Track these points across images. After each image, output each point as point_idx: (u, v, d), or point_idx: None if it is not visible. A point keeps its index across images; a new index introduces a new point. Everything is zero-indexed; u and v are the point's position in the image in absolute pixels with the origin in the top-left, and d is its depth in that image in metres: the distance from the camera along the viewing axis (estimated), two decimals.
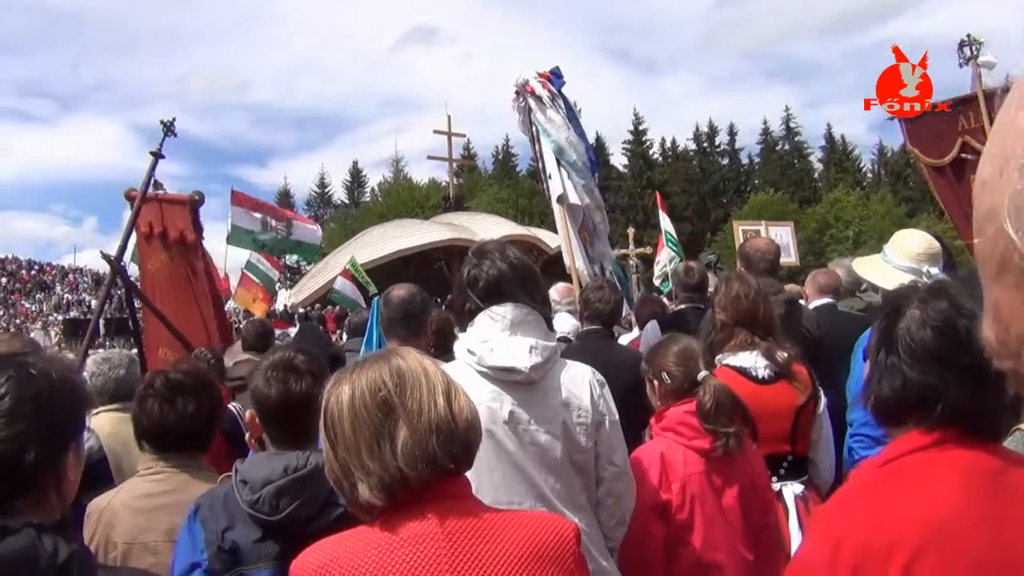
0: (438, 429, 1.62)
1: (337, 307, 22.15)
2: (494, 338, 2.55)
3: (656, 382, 3.18)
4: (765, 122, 70.54)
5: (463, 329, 2.68)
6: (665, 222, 15.88)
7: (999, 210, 0.63)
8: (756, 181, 68.38)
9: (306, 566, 1.66)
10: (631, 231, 22.73)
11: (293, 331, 14.24)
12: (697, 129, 70.37)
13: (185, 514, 2.58)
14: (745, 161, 71.08)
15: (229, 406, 4.85)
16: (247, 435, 3.95)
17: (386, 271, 30.17)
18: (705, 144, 70.25)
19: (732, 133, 70.16)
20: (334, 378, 1.74)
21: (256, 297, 18.85)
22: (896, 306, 1.66)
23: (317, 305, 30.46)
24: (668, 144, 69.99)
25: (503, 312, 2.57)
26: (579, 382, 2.60)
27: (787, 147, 69.76)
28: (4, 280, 52.93)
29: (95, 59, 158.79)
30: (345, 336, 9.93)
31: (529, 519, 1.78)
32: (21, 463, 1.46)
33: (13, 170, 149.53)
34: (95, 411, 4.17)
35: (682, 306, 5.70)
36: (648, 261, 23.38)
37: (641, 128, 68.25)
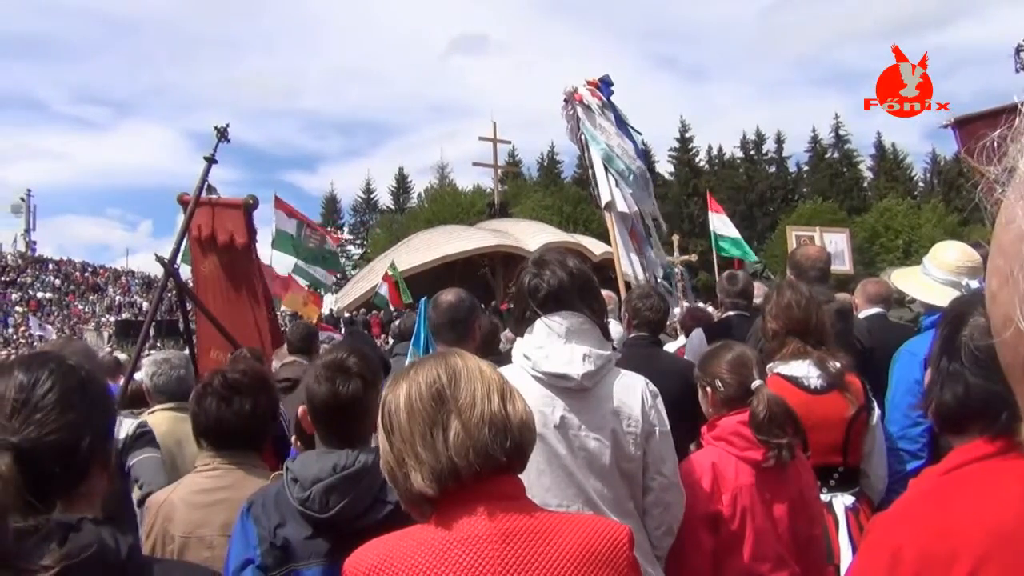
0: (491, 423, 1.64)
1: (382, 312, 22.33)
2: (549, 345, 2.60)
3: (709, 389, 3.16)
4: (814, 129, 69.69)
5: (520, 335, 2.73)
6: (716, 223, 15.37)
7: (1011, 315, 0.65)
8: (804, 189, 67.62)
9: (360, 566, 1.68)
10: (676, 238, 22.53)
11: (338, 337, 14.38)
12: (744, 136, 69.84)
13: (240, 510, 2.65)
14: (793, 169, 70.35)
15: None
16: (292, 436, 4.03)
17: (431, 277, 30.39)
18: (752, 152, 69.67)
19: (780, 141, 69.60)
20: (394, 377, 1.78)
21: (307, 300, 19.07)
22: (959, 313, 1.63)
23: (362, 310, 30.71)
24: (715, 152, 69.51)
25: (560, 320, 2.63)
26: (631, 392, 2.63)
27: (836, 155, 68.87)
28: (59, 282, 54.20)
29: (150, 65, 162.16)
30: (391, 341, 10.02)
31: (583, 522, 1.79)
32: (77, 451, 1.48)
33: (71, 175, 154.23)
34: (151, 409, 4.27)
35: (728, 313, 5.66)
36: (693, 269, 23.24)
37: (687, 135, 67.90)
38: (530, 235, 36.71)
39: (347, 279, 44.08)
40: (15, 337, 40.26)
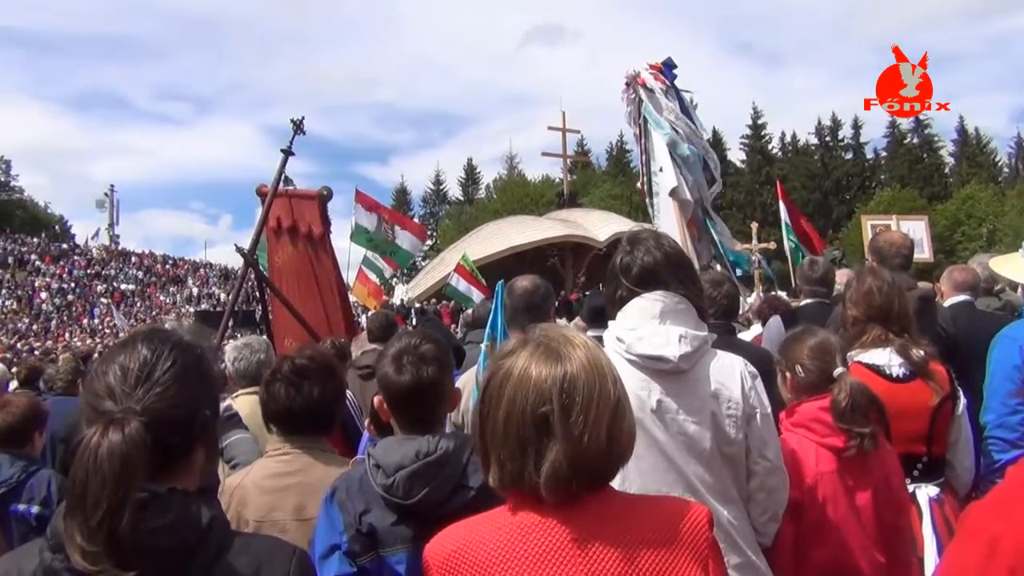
0: (594, 456, 1.58)
1: (452, 301, 22.49)
2: (643, 326, 2.51)
3: (789, 375, 3.09)
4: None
5: (613, 317, 2.65)
6: (785, 214, 15.10)
7: None
8: (882, 176, 65.84)
9: (438, 552, 1.69)
10: (755, 226, 22.09)
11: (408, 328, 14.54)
12: (819, 123, 68.23)
13: (311, 494, 2.67)
14: (870, 156, 68.49)
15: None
16: (366, 421, 4.05)
17: (500, 267, 30.42)
18: (828, 138, 68.05)
19: (857, 126, 67.78)
20: (508, 349, 1.71)
21: (369, 291, 19.40)
22: None
23: (433, 300, 30.99)
24: (788, 138, 68.13)
25: (654, 300, 2.54)
26: (730, 373, 2.51)
27: (916, 140, 66.79)
28: (141, 274, 56.06)
29: (229, 62, 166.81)
30: (462, 330, 10.07)
31: (659, 503, 1.76)
32: (193, 424, 1.55)
33: (153, 170, 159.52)
34: (235, 394, 4.35)
35: (807, 301, 5.53)
36: (770, 257, 22.81)
37: (760, 122, 66.68)
38: (599, 225, 36.49)
39: (418, 270, 44.52)
40: (100, 327, 41.78)
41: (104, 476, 1.36)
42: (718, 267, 8.03)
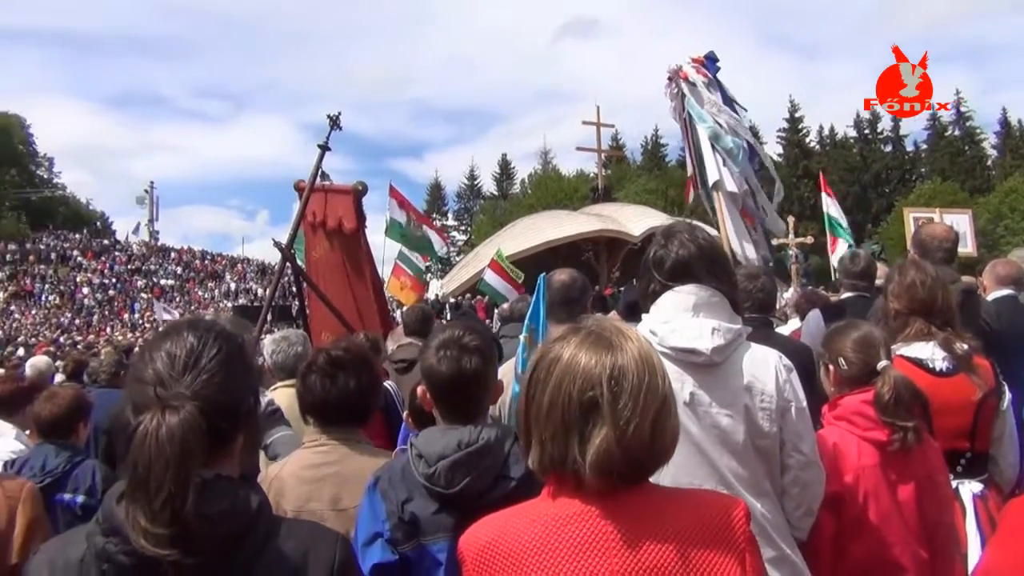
0: (638, 447, 1.57)
1: (487, 296, 22.52)
2: (676, 319, 2.51)
3: (832, 367, 3.07)
4: (933, 107, 66.39)
5: (646, 310, 2.66)
6: (829, 206, 14.81)
7: None
8: (923, 169, 64.75)
9: (474, 543, 1.70)
10: (791, 220, 21.85)
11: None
12: (858, 116, 67.23)
13: (347, 484, 2.71)
14: (911, 148, 67.40)
15: (385, 384, 5.02)
16: (404, 412, 4.07)
17: (535, 262, 30.39)
18: (867, 131, 67.06)
19: (896, 119, 66.58)
20: (559, 336, 1.72)
21: (405, 285, 19.48)
22: None
23: (467, 295, 31.05)
24: (826, 132, 67.26)
25: (687, 293, 2.54)
26: (764, 366, 2.51)
27: (958, 132, 65.55)
28: (180, 270, 56.82)
29: (265, 60, 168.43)
30: (497, 324, 10.09)
31: (696, 497, 1.76)
32: (238, 411, 1.60)
33: (192, 167, 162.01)
34: (274, 387, 4.40)
35: (847, 294, 5.46)
36: (807, 251, 22.56)
37: (797, 115, 65.91)
38: (634, 219, 36.30)
39: (452, 265, 44.63)
40: (140, 322, 42.43)
41: (166, 458, 1.39)
42: (769, 259, 7.90)
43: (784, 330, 6.19)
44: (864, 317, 4.05)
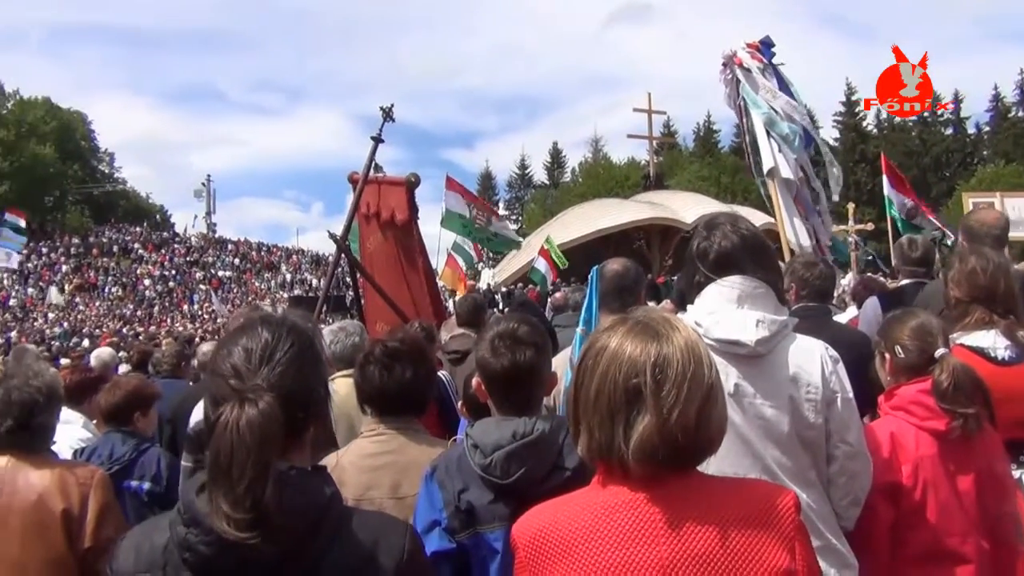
0: (682, 435, 1.58)
1: (539, 286, 22.54)
2: (721, 310, 2.53)
3: (888, 356, 3.03)
4: (996, 88, 64.37)
5: (692, 301, 2.67)
6: (889, 190, 14.20)
7: None
8: (984, 152, 62.94)
9: (526, 531, 1.73)
10: (851, 207, 21.44)
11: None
12: None
13: (405, 473, 2.75)
14: (972, 131, 65.55)
15: (440, 374, 5.07)
16: (458, 403, 4.10)
17: (586, 251, 30.37)
18: (926, 113, 65.33)
19: (957, 100, 64.78)
20: (607, 326, 1.75)
21: (458, 276, 19.63)
22: None
23: (519, 284, 31.09)
24: (884, 115, 65.70)
25: (731, 285, 2.55)
26: (809, 357, 2.51)
27: (1022, 114, 63.55)
28: (237, 261, 57.88)
29: (318, 52, 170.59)
30: (549, 313, 10.09)
31: (746, 486, 1.78)
32: (310, 403, 1.67)
33: (248, 160, 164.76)
34: (332, 376, 4.47)
35: (905, 281, 5.35)
36: (865, 239, 22.12)
37: (854, 99, 64.48)
38: (686, 207, 35.92)
39: (503, 255, 44.74)
40: (200, 313, 43.34)
41: (247, 447, 1.45)
42: (828, 246, 7.74)
43: (842, 318, 6.09)
44: (923, 306, 3.97)
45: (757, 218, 32.02)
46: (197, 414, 3.82)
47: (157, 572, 1.57)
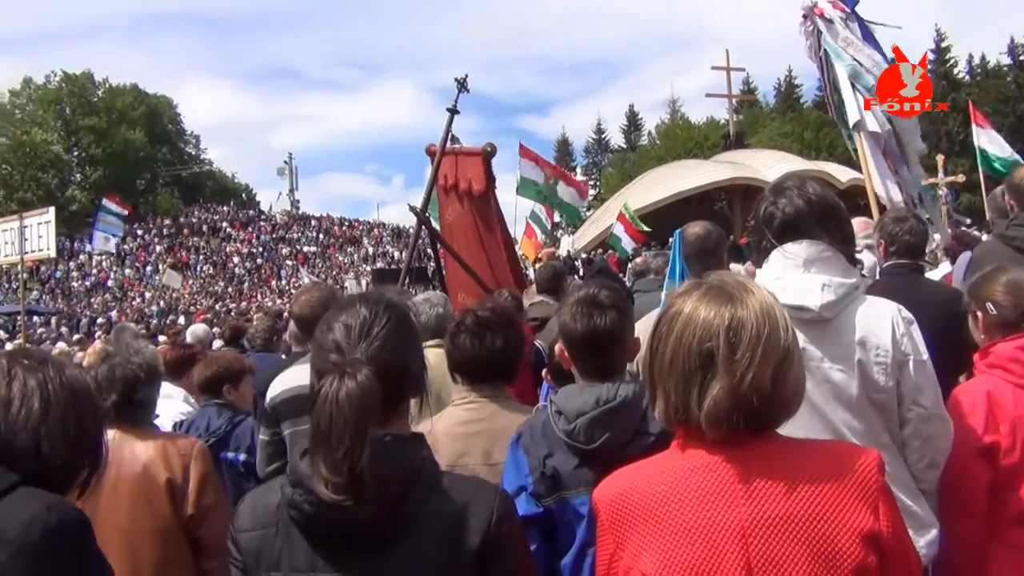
0: (757, 397, 1.58)
1: (618, 251, 22.40)
2: (787, 275, 2.52)
3: (980, 314, 2.95)
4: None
5: (759, 266, 2.67)
6: (980, 137, 13.05)
7: None
8: None
9: (607, 495, 1.76)
10: (940, 158, 20.59)
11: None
12: (1012, 41, 62.28)
13: (497, 440, 2.78)
14: None
15: (536, 343, 5.11)
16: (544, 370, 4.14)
17: (666, 213, 29.96)
18: (1022, 57, 62.12)
19: None
20: (682, 290, 1.77)
21: (532, 244, 19.69)
22: None
23: (598, 250, 30.94)
24: (976, 61, 62.76)
25: (797, 250, 2.54)
26: (879, 320, 2.48)
27: None
28: (321, 236, 59.08)
29: (392, 27, 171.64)
30: (630, 279, 10.04)
31: (826, 446, 1.78)
32: (407, 374, 1.78)
33: (328, 136, 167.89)
34: None
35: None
36: (956, 191, 21.28)
37: (944, 45, 61.69)
38: (769, 165, 34.97)
39: (582, 220, 44.53)
40: (287, 288, 44.47)
41: (345, 417, 1.56)
42: (916, 201, 7.47)
43: (935, 275, 5.91)
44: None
45: (844, 174, 31.28)
46: (273, 389, 3.96)
47: (270, 528, 1.72)
